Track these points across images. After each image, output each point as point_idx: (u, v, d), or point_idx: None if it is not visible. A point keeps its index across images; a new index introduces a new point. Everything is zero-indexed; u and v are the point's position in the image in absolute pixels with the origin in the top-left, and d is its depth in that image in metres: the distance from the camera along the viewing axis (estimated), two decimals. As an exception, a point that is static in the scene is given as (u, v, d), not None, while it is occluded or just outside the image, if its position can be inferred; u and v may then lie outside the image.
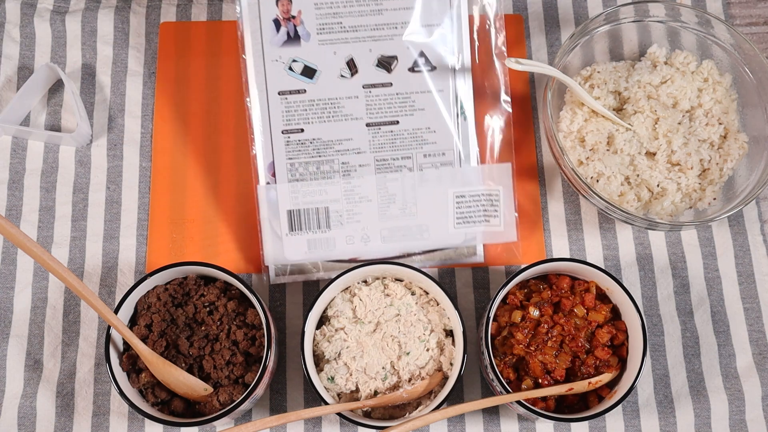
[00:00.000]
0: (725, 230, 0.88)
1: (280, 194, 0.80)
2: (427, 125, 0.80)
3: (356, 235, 0.82)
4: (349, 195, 0.81)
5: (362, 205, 0.81)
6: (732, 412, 0.82)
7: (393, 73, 0.79)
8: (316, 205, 0.81)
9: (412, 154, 0.80)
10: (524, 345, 0.76)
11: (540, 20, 0.95)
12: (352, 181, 0.80)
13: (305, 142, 0.79)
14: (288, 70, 0.78)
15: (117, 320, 0.73)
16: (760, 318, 0.85)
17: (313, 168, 0.79)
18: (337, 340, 0.77)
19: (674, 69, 0.87)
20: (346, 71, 0.78)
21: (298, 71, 0.78)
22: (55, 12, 0.94)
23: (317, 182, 0.80)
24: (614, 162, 0.83)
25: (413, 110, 0.80)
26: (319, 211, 0.81)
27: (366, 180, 0.81)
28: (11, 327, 0.84)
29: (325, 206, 0.81)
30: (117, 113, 0.91)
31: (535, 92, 0.93)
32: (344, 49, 0.78)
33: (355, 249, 0.83)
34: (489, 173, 0.83)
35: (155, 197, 0.88)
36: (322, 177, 0.80)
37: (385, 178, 0.81)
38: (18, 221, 0.87)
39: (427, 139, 0.81)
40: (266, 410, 0.82)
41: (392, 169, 0.81)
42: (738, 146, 0.84)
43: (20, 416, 0.81)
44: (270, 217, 0.81)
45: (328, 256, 0.83)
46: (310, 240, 0.82)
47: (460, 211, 0.82)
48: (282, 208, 0.81)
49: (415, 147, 0.80)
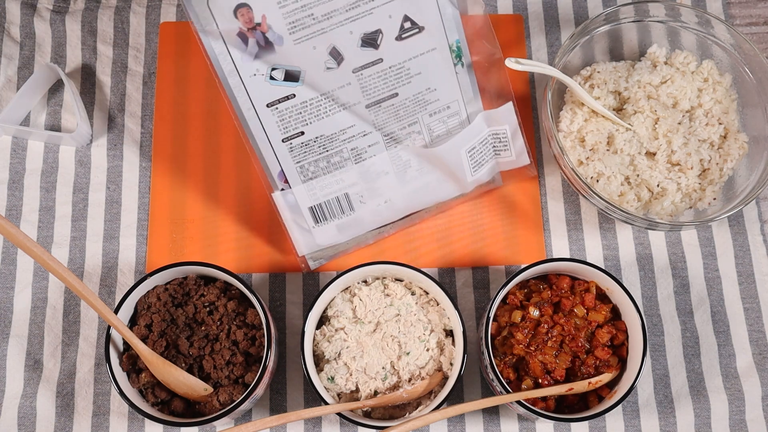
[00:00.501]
0: (725, 230, 0.88)
1: (298, 196, 0.78)
2: (426, 86, 0.76)
3: (381, 206, 0.81)
4: (365, 175, 0.79)
5: (380, 180, 0.79)
6: (732, 412, 0.82)
7: (381, 48, 0.72)
8: (335, 195, 0.79)
9: (418, 119, 0.77)
10: (524, 345, 0.76)
11: (540, 20, 0.95)
12: (364, 163, 0.78)
13: (309, 143, 0.76)
14: (270, 80, 0.72)
15: (117, 320, 0.73)
16: (760, 318, 0.85)
17: (324, 163, 0.77)
18: (337, 340, 0.77)
19: (674, 69, 0.87)
20: (331, 62, 0.72)
21: (280, 78, 0.72)
22: (55, 12, 0.94)
23: (331, 174, 0.78)
24: (614, 162, 0.83)
25: (410, 78, 0.75)
26: (339, 199, 0.79)
27: (379, 157, 0.78)
28: (11, 327, 0.84)
29: (345, 192, 0.79)
30: (117, 113, 0.91)
31: (535, 92, 0.93)
32: (323, 40, 0.70)
33: (383, 217, 0.82)
34: (494, 117, 0.81)
35: (155, 197, 0.88)
36: (334, 169, 0.78)
37: (396, 149, 0.78)
38: (18, 221, 0.87)
39: (430, 99, 0.77)
40: (266, 410, 0.82)
41: (401, 138, 0.78)
42: (738, 146, 0.84)
43: (20, 416, 0.81)
44: (294, 218, 0.80)
45: (358, 232, 0.83)
46: (338, 225, 0.81)
47: (474, 161, 0.81)
48: (303, 207, 0.79)
49: (419, 111, 0.77)
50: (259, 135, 0.74)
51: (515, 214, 0.88)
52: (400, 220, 0.84)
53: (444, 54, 0.75)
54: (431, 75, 0.75)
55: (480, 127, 0.80)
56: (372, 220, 0.82)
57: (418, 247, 0.87)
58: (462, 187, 0.84)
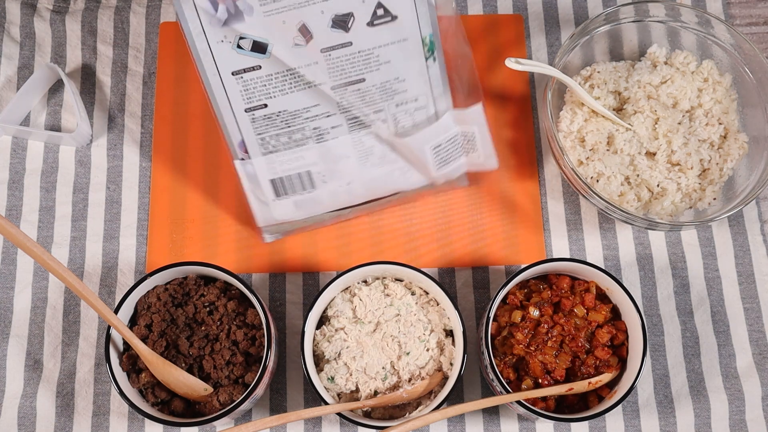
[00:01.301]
0: (725, 230, 0.88)
1: (258, 168, 0.79)
2: (395, 76, 0.75)
3: (341, 188, 0.81)
4: (326, 156, 0.78)
5: (341, 163, 0.79)
6: (732, 412, 0.82)
7: (351, 32, 0.71)
8: (296, 171, 0.79)
9: (384, 107, 0.76)
10: (524, 345, 0.76)
11: (540, 20, 0.95)
12: (326, 144, 0.78)
13: (272, 117, 0.75)
14: (237, 49, 0.71)
15: (117, 320, 0.73)
16: (760, 318, 0.85)
17: (285, 138, 0.77)
18: (337, 340, 0.77)
19: (674, 69, 0.87)
20: (300, 39, 0.71)
21: (247, 48, 0.71)
22: (55, 12, 0.94)
23: (292, 151, 0.78)
24: (614, 162, 0.83)
25: (379, 65, 0.74)
26: (301, 176, 0.79)
27: (341, 140, 0.78)
28: (11, 327, 0.84)
29: (306, 170, 0.79)
30: (117, 113, 0.91)
31: (535, 92, 0.93)
32: (293, 16, 0.70)
33: (343, 200, 0.82)
34: (463, 117, 0.80)
35: (155, 197, 0.88)
36: (296, 145, 0.77)
37: (359, 134, 0.78)
38: (18, 221, 0.87)
39: (398, 89, 0.76)
40: (266, 410, 0.82)
41: (365, 124, 0.77)
42: (738, 146, 0.84)
43: (20, 416, 0.81)
44: (253, 188, 0.80)
45: (316, 211, 0.83)
46: (296, 201, 0.81)
47: (439, 158, 0.81)
48: (262, 179, 0.79)
49: (386, 99, 0.76)
50: (223, 102, 0.74)
51: (515, 214, 0.88)
52: (361, 205, 0.84)
53: (416, 46, 0.74)
54: (401, 65, 0.75)
55: (448, 125, 0.79)
56: (331, 201, 0.82)
57: (418, 247, 0.87)
58: (428, 179, 0.83)
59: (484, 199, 0.88)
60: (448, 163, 0.82)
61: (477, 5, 0.96)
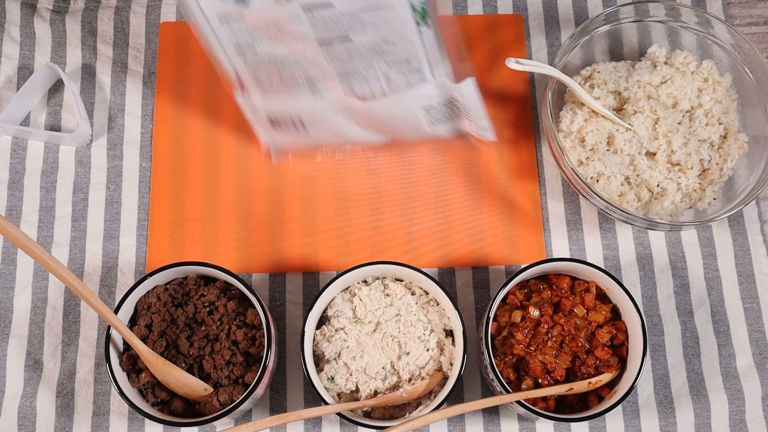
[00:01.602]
0: (725, 230, 0.88)
1: (256, 102, 0.82)
2: (384, 38, 0.74)
3: (337, 132, 0.84)
4: (319, 105, 0.80)
5: (334, 116, 0.81)
6: (732, 412, 0.82)
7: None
8: (289, 114, 0.82)
9: (375, 65, 0.76)
10: (524, 345, 0.76)
11: (540, 20, 0.95)
12: (319, 92, 0.79)
13: (263, 61, 0.77)
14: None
15: (117, 320, 0.73)
16: (760, 318, 0.85)
17: (277, 81, 0.79)
18: (337, 340, 0.77)
19: (674, 69, 0.87)
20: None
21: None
22: (55, 12, 0.94)
23: (285, 95, 0.80)
24: (614, 162, 0.83)
25: (364, 27, 0.73)
26: (293, 117, 0.82)
27: (334, 92, 0.79)
28: (11, 327, 0.84)
29: (299, 116, 0.82)
30: (117, 113, 0.91)
31: (535, 92, 0.93)
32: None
33: (340, 141, 0.86)
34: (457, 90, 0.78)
35: (155, 197, 0.88)
36: (289, 90, 0.80)
37: (351, 85, 0.78)
38: (18, 221, 0.87)
39: (388, 50, 0.75)
40: (266, 410, 0.82)
41: (358, 78, 0.77)
42: (738, 146, 0.84)
43: (20, 416, 0.81)
44: (255, 117, 0.84)
45: (315, 141, 0.86)
46: (293, 136, 0.85)
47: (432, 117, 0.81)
48: (261, 113, 0.83)
49: (376, 58, 0.75)
50: (215, 44, 0.76)
51: (515, 214, 0.88)
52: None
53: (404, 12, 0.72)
54: (388, 30, 0.73)
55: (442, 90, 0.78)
56: (329, 140, 0.85)
57: (418, 247, 0.87)
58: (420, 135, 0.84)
59: (484, 199, 0.88)
60: (441, 122, 0.82)
61: (477, 5, 0.96)
